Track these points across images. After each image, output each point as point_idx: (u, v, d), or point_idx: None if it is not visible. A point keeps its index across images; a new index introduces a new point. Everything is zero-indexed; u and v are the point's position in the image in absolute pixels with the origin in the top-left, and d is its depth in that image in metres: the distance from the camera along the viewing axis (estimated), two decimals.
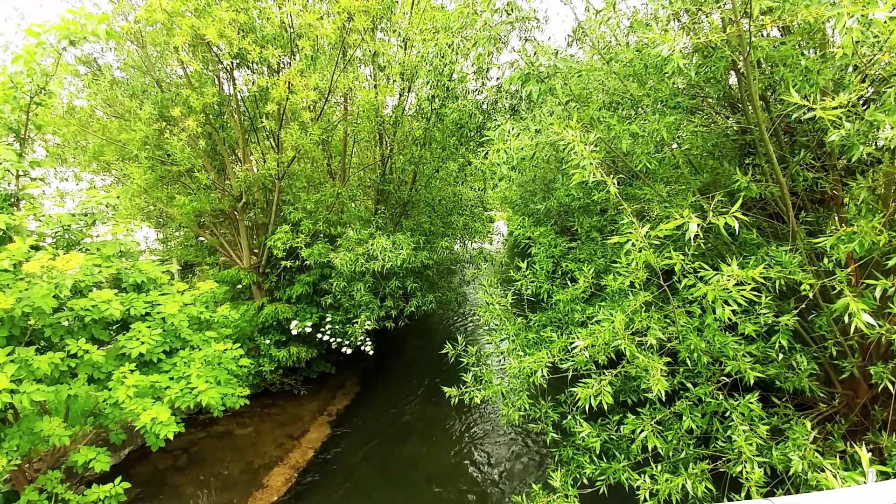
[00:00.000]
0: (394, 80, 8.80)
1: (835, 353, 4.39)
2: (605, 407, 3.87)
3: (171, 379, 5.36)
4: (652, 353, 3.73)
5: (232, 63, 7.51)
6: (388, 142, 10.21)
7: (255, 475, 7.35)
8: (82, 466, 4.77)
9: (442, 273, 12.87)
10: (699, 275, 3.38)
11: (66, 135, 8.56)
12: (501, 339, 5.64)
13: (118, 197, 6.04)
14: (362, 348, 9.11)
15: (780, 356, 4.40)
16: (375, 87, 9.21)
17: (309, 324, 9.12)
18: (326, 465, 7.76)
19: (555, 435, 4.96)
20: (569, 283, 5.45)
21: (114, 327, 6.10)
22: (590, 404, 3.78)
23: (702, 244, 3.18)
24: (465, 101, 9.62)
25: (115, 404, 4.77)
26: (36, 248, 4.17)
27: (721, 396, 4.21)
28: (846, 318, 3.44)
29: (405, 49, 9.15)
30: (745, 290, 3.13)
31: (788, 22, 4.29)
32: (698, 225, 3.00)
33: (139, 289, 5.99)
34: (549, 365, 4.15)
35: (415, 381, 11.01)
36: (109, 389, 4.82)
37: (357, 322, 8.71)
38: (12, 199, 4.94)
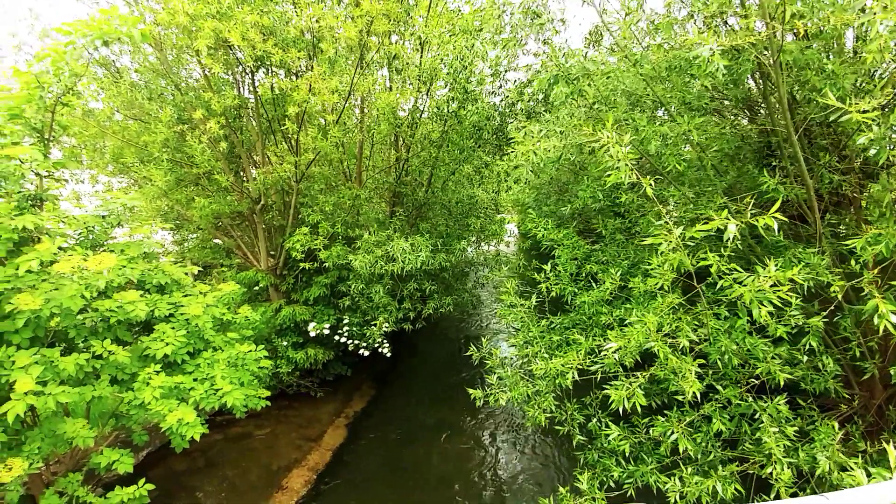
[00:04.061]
0: (411, 83, 8.83)
1: (857, 354, 4.35)
2: (629, 410, 3.86)
3: (196, 380, 5.39)
4: (684, 356, 3.71)
5: (253, 66, 7.57)
6: (403, 144, 10.25)
7: (273, 477, 7.36)
8: (105, 468, 4.79)
9: (456, 275, 12.87)
10: (734, 276, 3.36)
11: (83, 136, 8.66)
12: (525, 342, 5.63)
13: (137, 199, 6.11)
14: (379, 350, 9.12)
15: (805, 358, 4.37)
16: (390, 88, 9.27)
17: (327, 326, 9.14)
18: (345, 467, 7.77)
19: (581, 437, 4.93)
20: (594, 284, 5.43)
21: (136, 329, 6.15)
22: (613, 406, 3.78)
23: (739, 245, 3.16)
24: (483, 103, 9.65)
25: (140, 405, 4.80)
26: (63, 248, 4.20)
27: (750, 398, 4.18)
28: (875, 320, 3.42)
29: (421, 52, 9.19)
30: (781, 291, 3.12)
31: (817, 27, 4.30)
32: (737, 226, 2.98)
33: (162, 290, 6.03)
34: (578, 367, 4.13)
35: (429, 383, 11.01)
36: (134, 390, 4.85)
37: (375, 324, 8.72)
38: (35, 200, 4.98)
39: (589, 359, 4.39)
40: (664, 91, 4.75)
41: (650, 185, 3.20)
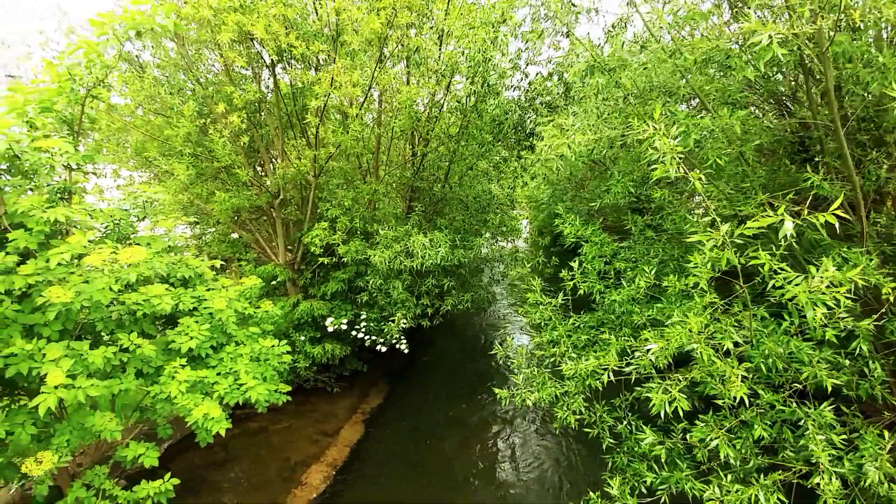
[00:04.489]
0: (432, 77, 8.72)
1: None
2: (671, 414, 3.73)
3: (219, 374, 5.36)
4: (728, 358, 3.57)
5: (276, 59, 7.51)
6: (420, 138, 10.14)
7: (292, 472, 7.34)
8: (131, 462, 4.78)
9: (472, 271, 12.77)
10: (785, 276, 3.20)
11: (107, 131, 8.68)
12: (550, 341, 5.51)
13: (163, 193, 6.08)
14: (397, 346, 9.05)
15: (848, 362, 4.20)
16: (407, 82, 9.15)
17: (344, 321, 9.10)
18: (363, 463, 7.73)
19: (611, 441, 4.81)
20: (623, 283, 5.28)
21: (159, 322, 6.14)
22: (654, 411, 3.65)
23: (794, 244, 3.01)
24: (503, 98, 9.52)
25: (167, 399, 4.77)
26: (92, 241, 4.17)
27: (794, 404, 4.02)
28: None
29: (440, 45, 9.07)
30: (838, 292, 2.96)
31: (873, 18, 4.09)
32: (794, 224, 2.83)
33: (185, 284, 6.00)
34: (615, 368, 4.00)
35: (445, 379, 10.94)
36: (160, 384, 4.82)
37: (394, 320, 8.65)
38: (64, 193, 4.96)
39: (623, 360, 4.26)
40: (701, 83, 4.58)
41: (700, 179, 3.05)
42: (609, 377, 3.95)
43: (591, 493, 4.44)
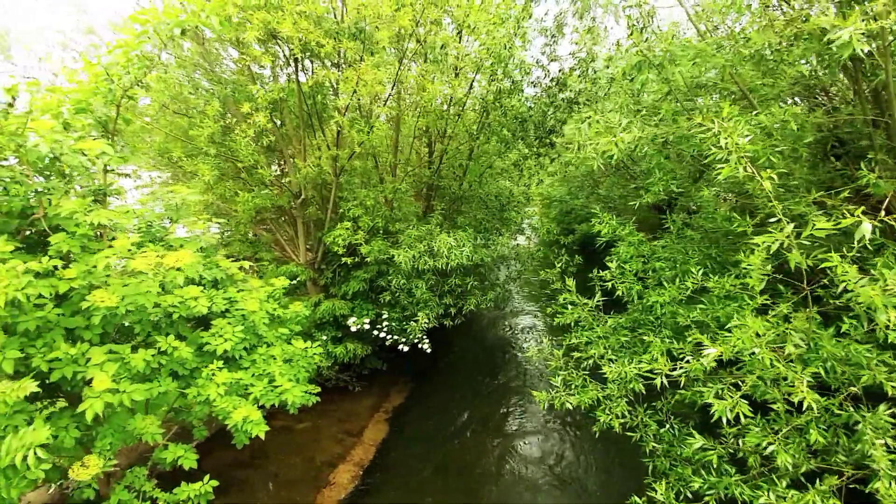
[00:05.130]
0: (456, 73, 8.61)
1: None
2: (732, 419, 3.65)
3: (254, 376, 5.33)
4: (791, 363, 3.47)
5: (301, 56, 7.43)
6: (437, 136, 10.03)
7: (319, 471, 7.32)
8: (171, 464, 4.75)
9: (490, 270, 12.70)
10: (853, 277, 3.10)
11: (130, 132, 8.64)
12: (588, 342, 5.42)
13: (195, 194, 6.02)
14: (419, 346, 9.00)
15: None
16: (433, 80, 9.05)
17: (367, 321, 9.05)
18: (389, 463, 7.69)
19: (654, 444, 4.73)
20: (664, 284, 5.18)
21: (192, 324, 6.11)
22: (715, 417, 3.57)
23: (868, 246, 2.90)
24: (524, 95, 9.41)
25: (205, 401, 4.74)
26: (137, 245, 4.12)
27: (850, 408, 3.92)
28: None
29: (459, 39, 8.95)
30: None
31: None
32: (872, 226, 2.73)
33: (215, 285, 5.97)
34: (668, 373, 3.91)
35: (467, 378, 10.87)
36: (198, 386, 4.78)
37: (417, 319, 8.59)
38: (100, 195, 4.92)
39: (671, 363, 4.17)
40: (752, 78, 4.46)
41: (772, 178, 2.95)
42: (663, 381, 3.86)
43: (634, 497, 4.36)
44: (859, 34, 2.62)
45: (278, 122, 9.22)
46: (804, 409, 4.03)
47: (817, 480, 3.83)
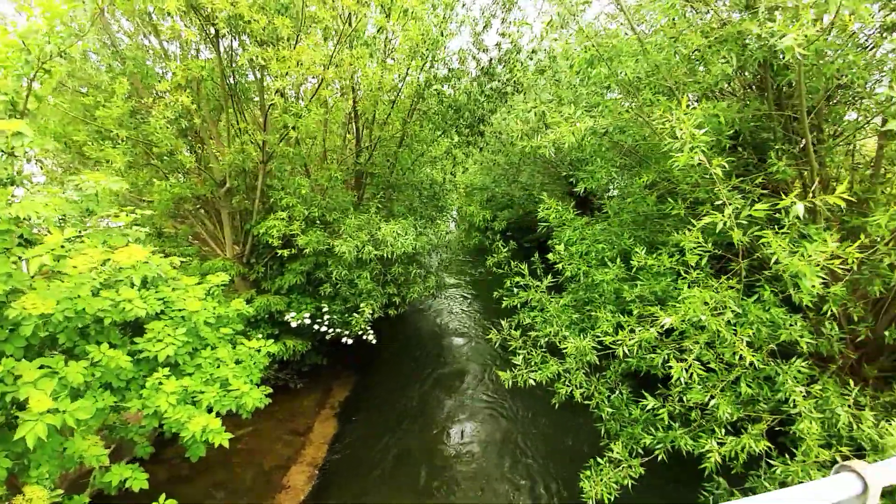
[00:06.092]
0: (387, 57, 8.45)
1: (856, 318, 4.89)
2: (687, 380, 4.10)
3: (204, 382, 4.92)
4: (730, 326, 3.97)
5: (230, 33, 6.82)
6: (368, 122, 9.79)
7: (270, 476, 6.98)
8: (116, 488, 4.26)
9: (425, 258, 12.75)
10: (782, 250, 3.60)
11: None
12: (544, 320, 5.72)
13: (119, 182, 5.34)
14: (364, 338, 8.85)
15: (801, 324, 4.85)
16: (382, 62, 8.78)
17: (307, 315, 8.69)
18: (345, 459, 7.54)
19: (609, 409, 5.15)
20: (608, 264, 5.60)
21: (119, 329, 5.46)
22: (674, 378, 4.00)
23: (800, 227, 3.39)
24: (460, 83, 9.49)
25: (153, 414, 4.30)
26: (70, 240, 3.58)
27: (772, 362, 4.57)
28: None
29: (389, 17, 8.77)
30: (834, 264, 3.42)
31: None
32: (804, 206, 3.19)
33: (145, 284, 5.39)
34: (627, 343, 4.27)
35: (409, 366, 10.91)
36: (144, 398, 4.32)
37: (361, 311, 8.43)
38: (6, 182, 4.19)
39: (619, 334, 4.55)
40: (683, 76, 4.92)
41: (723, 166, 3.32)
42: (624, 349, 4.21)
43: (600, 460, 4.74)
44: (800, 40, 3.02)
45: (198, 104, 8.41)
46: (735, 366, 4.64)
47: (749, 426, 4.45)
